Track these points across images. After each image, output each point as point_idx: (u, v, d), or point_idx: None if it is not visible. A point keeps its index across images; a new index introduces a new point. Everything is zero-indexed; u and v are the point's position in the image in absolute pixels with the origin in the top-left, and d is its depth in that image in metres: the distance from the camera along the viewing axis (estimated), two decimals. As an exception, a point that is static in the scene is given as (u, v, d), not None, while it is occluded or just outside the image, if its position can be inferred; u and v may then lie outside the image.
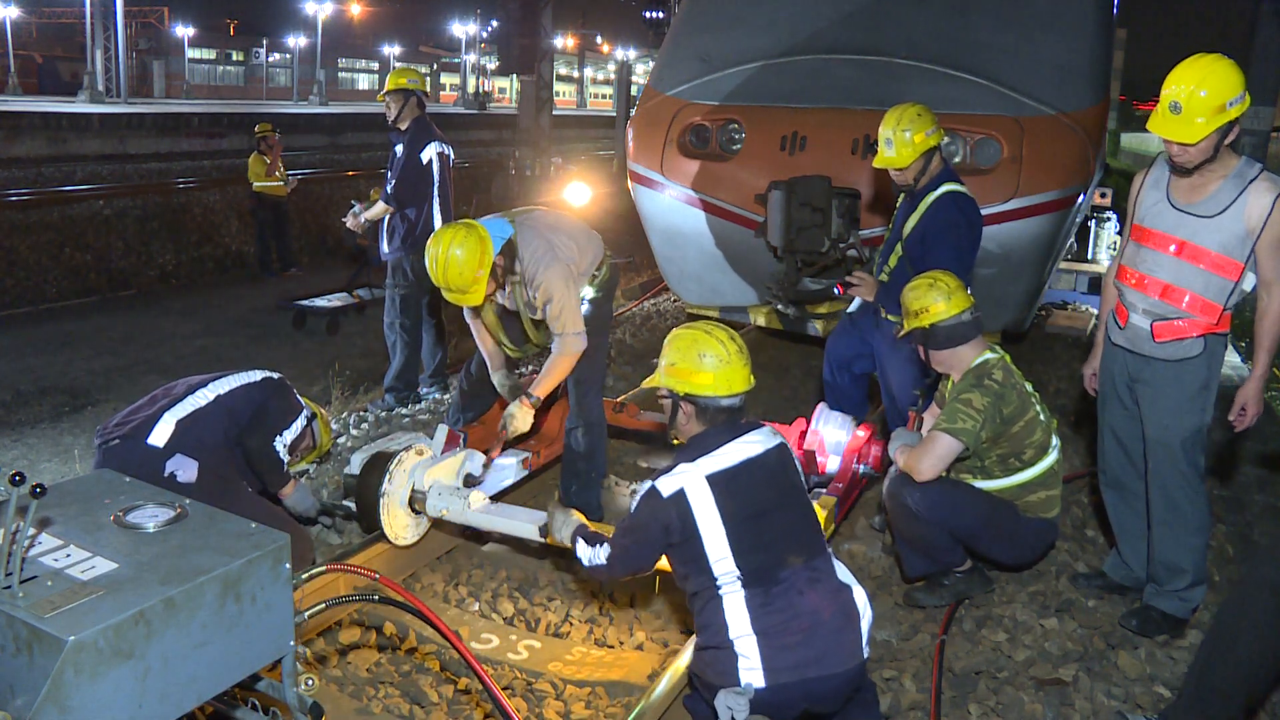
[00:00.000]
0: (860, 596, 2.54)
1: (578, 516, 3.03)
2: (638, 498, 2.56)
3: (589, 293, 4.13)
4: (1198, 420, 3.39)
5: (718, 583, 2.45)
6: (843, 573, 2.57)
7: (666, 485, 2.50)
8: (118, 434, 3.28)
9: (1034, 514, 3.62)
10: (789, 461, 2.65)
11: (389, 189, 5.87)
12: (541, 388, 3.96)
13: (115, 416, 3.43)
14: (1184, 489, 3.43)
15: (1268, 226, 3.14)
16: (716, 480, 2.49)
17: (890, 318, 4.29)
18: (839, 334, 4.81)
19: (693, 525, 2.46)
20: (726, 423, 2.61)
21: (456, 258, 3.58)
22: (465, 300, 3.72)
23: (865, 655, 2.50)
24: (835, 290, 4.57)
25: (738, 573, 2.43)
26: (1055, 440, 3.65)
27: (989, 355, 3.59)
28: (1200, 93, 3.05)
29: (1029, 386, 3.63)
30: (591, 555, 2.72)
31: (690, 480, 2.49)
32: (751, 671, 2.35)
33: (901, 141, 4.12)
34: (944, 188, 4.20)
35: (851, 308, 4.83)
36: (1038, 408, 3.60)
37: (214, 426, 3.39)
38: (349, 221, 6.18)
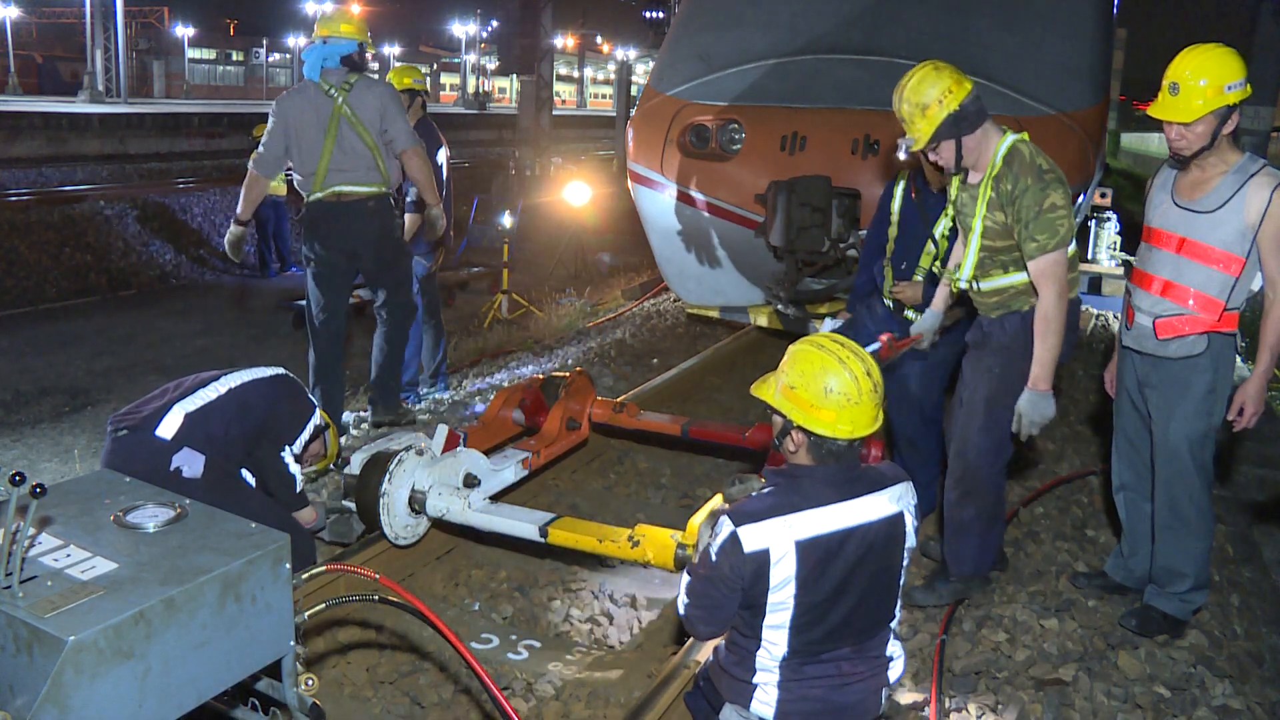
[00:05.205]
0: (897, 669, 2.39)
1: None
2: (717, 541, 2.22)
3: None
4: (1205, 424, 3.36)
5: (759, 641, 2.26)
6: (891, 645, 2.38)
7: (750, 538, 2.16)
8: (126, 424, 3.24)
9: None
10: (899, 537, 2.28)
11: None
12: (429, 194, 5.07)
13: (126, 406, 3.38)
14: (1189, 494, 3.42)
15: (1267, 220, 3.12)
16: (806, 550, 2.16)
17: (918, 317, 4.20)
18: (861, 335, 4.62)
19: (762, 590, 2.18)
20: (841, 469, 2.25)
21: None
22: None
23: (882, 710, 2.41)
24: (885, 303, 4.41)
25: (786, 647, 2.24)
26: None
27: (1011, 136, 3.28)
28: (1198, 73, 3.11)
29: None
30: (681, 597, 2.36)
31: (778, 541, 2.16)
32: (765, 706, 2.29)
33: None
34: None
35: (835, 323, 4.73)
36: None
37: (224, 419, 3.32)
38: None
